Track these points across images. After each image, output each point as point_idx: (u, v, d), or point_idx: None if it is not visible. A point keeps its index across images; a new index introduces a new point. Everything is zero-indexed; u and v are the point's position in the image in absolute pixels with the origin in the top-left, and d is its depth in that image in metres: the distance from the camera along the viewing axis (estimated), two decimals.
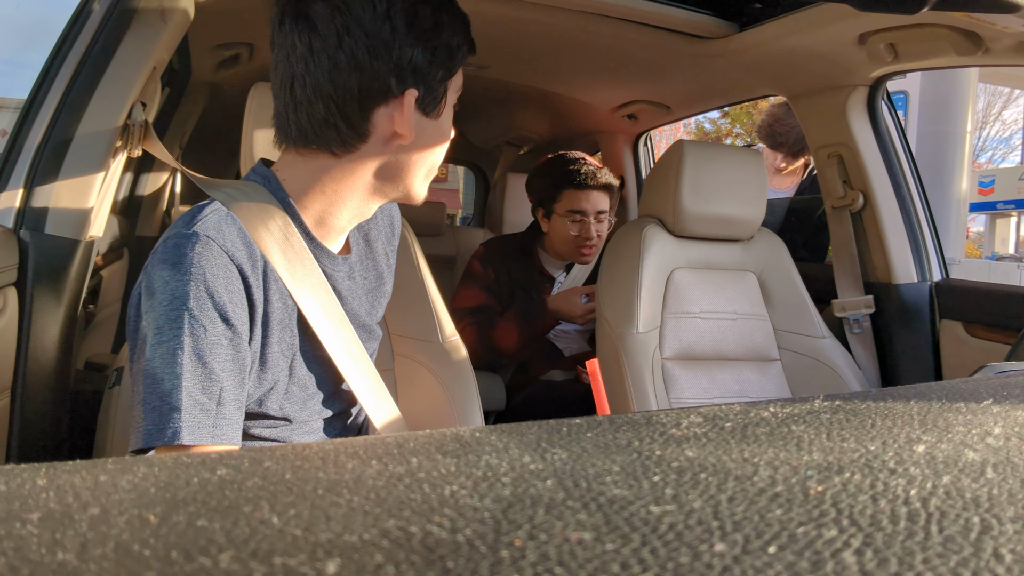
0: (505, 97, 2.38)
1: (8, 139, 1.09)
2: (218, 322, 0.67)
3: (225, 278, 0.68)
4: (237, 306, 0.69)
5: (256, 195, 0.76)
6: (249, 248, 0.72)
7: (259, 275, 0.73)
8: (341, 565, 0.18)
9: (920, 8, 0.71)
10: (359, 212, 0.82)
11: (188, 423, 0.64)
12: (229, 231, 0.71)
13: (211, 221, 0.71)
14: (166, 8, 1.15)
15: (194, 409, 0.65)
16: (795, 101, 1.81)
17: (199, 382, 0.65)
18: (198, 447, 0.65)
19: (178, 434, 0.64)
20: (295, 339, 0.78)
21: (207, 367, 0.66)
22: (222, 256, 0.69)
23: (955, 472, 0.25)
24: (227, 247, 0.69)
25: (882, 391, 0.40)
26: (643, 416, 0.34)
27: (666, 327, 1.55)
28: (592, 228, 1.88)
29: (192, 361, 0.65)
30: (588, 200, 1.87)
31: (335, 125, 0.74)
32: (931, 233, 1.76)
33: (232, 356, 0.68)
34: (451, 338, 1.22)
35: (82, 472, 0.26)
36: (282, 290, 0.75)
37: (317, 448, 0.30)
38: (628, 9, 1.43)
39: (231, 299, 0.68)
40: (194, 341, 0.65)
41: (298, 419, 0.82)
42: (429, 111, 0.78)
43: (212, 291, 0.67)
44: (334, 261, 0.82)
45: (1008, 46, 1.23)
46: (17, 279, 0.99)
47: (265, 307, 0.74)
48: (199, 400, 0.65)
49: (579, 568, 0.18)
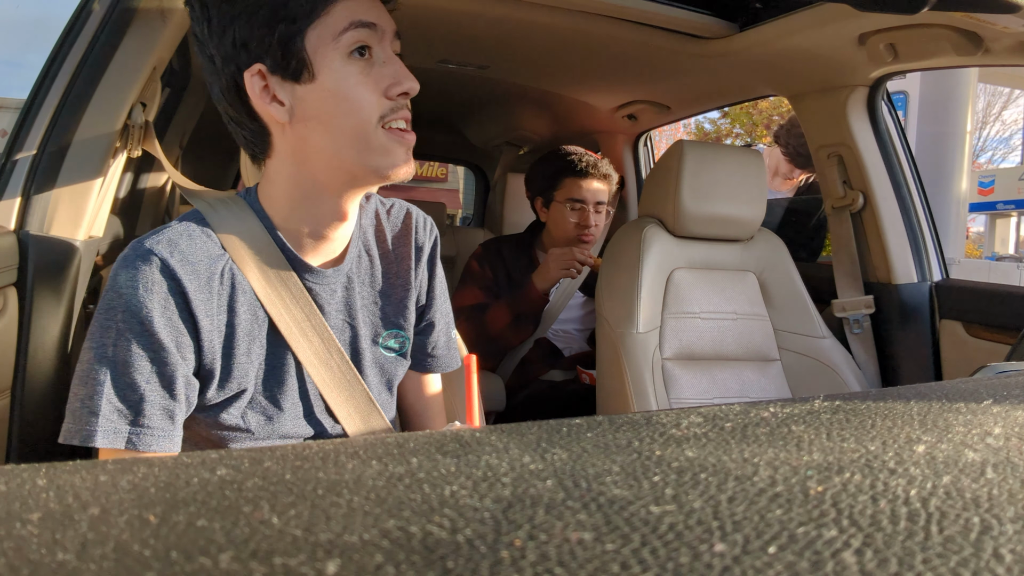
0: (505, 97, 2.38)
1: (8, 139, 1.09)
2: (145, 336, 0.68)
3: (160, 294, 0.69)
4: (171, 321, 0.69)
5: (235, 207, 0.77)
6: (210, 261, 0.73)
7: (218, 287, 0.73)
8: (341, 565, 0.18)
9: (920, 8, 0.71)
10: (332, 214, 0.78)
11: (103, 428, 0.67)
12: (186, 245, 0.72)
13: (168, 235, 0.72)
14: (166, 8, 1.15)
15: (112, 415, 0.67)
16: (795, 101, 1.81)
17: (119, 391, 0.68)
18: (115, 451, 0.68)
19: (92, 436, 0.67)
20: (263, 350, 0.77)
21: (128, 377, 0.68)
22: (161, 272, 0.69)
23: (955, 472, 0.25)
24: (172, 263, 0.70)
25: (882, 391, 0.40)
26: (643, 416, 0.34)
27: (666, 327, 1.55)
28: (591, 217, 1.89)
29: (115, 370, 0.67)
30: (588, 189, 1.90)
31: (241, 134, 0.77)
32: (931, 233, 1.76)
33: (157, 370, 0.69)
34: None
35: (82, 472, 0.26)
36: (251, 301, 0.75)
37: (317, 448, 0.30)
38: (628, 9, 1.43)
39: (164, 314, 0.69)
40: (116, 351, 0.68)
41: (262, 434, 0.78)
42: (299, 77, 0.71)
43: (142, 306, 0.68)
44: (316, 275, 0.80)
45: (1008, 46, 1.23)
46: (17, 279, 0.99)
47: (230, 317, 0.74)
48: (117, 407, 0.67)
49: (579, 568, 0.18)
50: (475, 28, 1.65)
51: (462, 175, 14.78)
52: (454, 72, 2.03)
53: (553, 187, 1.93)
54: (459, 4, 1.48)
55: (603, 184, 1.93)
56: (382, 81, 0.73)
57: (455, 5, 1.48)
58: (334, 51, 0.71)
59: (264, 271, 0.75)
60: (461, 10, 1.51)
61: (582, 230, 1.90)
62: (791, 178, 2.52)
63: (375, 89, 0.72)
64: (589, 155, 1.94)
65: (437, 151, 3.75)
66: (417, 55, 1.90)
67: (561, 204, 1.91)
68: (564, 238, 1.94)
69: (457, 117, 2.76)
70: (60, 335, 1.06)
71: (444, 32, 1.68)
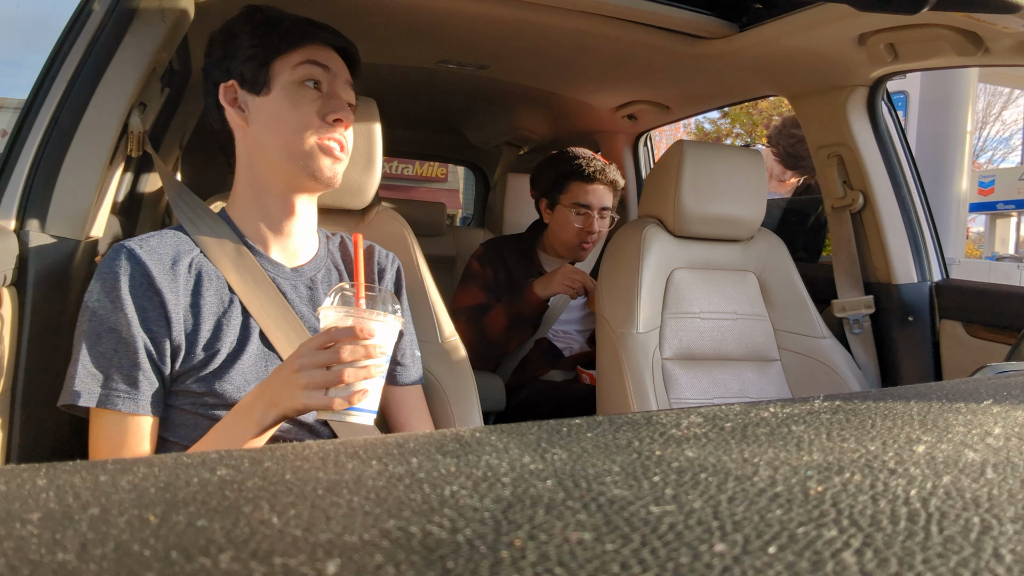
0: (505, 97, 2.38)
1: (8, 139, 1.09)
2: (113, 313, 0.84)
3: (126, 274, 0.85)
4: (136, 298, 0.85)
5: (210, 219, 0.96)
6: (176, 254, 0.90)
7: (184, 274, 0.89)
8: (341, 565, 0.18)
9: (920, 8, 0.71)
10: (281, 211, 0.97)
11: (83, 390, 0.82)
12: (156, 241, 0.90)
13: (143, 237, 0.90)
14: (166, 8, 1.15)
15: (87, 379, 0.83)
16: (795, 101, 1.81)
17: (93, 359, 0.83)
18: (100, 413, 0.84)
19: (75, 397, 0.82)
20: (236, 331, 0.91)
21: (97, 349, 0.84)
22: (127, 259, 0.86)
23: (955, 472, 0.25)
24: (138, 252, 0.87)
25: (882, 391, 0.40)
26: (643, 416, 0.34)
27: (666, 327, 1.55)
28: (595, 223, 1.88)
29: (89, 343, 0.84)
30: (594, 194, 1.89)
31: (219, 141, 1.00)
32: (931, 233, 1.75)
33: (124, 342, 0.84)
34: (450, 338, 1.22)
35: (82, 472, 0.26)
36: (219, 287, 0.91)
37: (317, 448, 0.30)
38: (628, 9, 1.43)
39: (129, 291, 0.85)
40: (91, 327, 0.84)
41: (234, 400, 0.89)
42: (259, 90, 0.94)
43: (114, 289, 0.84)
44: (276, 268, 0.97)
45: (1008, 46, 1.23)
46: (17, 279, 0.99)
47: (195, 299, 0.89)
48: (92, 372, 0.83)
49: (579, 568, 0.18)
50: (475, 28, 1.65)
51: (462, 175, 14.77)
52: (454, 72, 2.03)
53: (560, 190, 1.92)
54: (459, 4, 1.48)
55: (609, 190, 1.92)
56: (322, 108, 0.94)
57: (455, 5, 1.48)
58: (290, 76, 0.94)
59: (232, 261, 0.93)
60: (461, 10, 1.51)
61: (585, 236, 1.89)
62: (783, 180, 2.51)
63: (313, 110, 0.93)
64: (598, 160, 1.93)
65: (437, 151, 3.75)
66: (417, 55, 1.90)
67: (566, 208, 1.90)
68: (566, 242, 1.93)
69: (457, 117, 2.76)
70: (60, 335, 1.06)
71: (444, 32, 1.68)
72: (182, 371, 0.87)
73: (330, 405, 0.76)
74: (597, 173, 1.89)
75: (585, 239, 1.89)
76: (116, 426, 0.83)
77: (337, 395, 0.76)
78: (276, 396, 0.78)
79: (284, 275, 0.97)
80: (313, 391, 0.76)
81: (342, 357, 0.75)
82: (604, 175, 1.90)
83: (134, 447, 0.84)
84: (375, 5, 1.47)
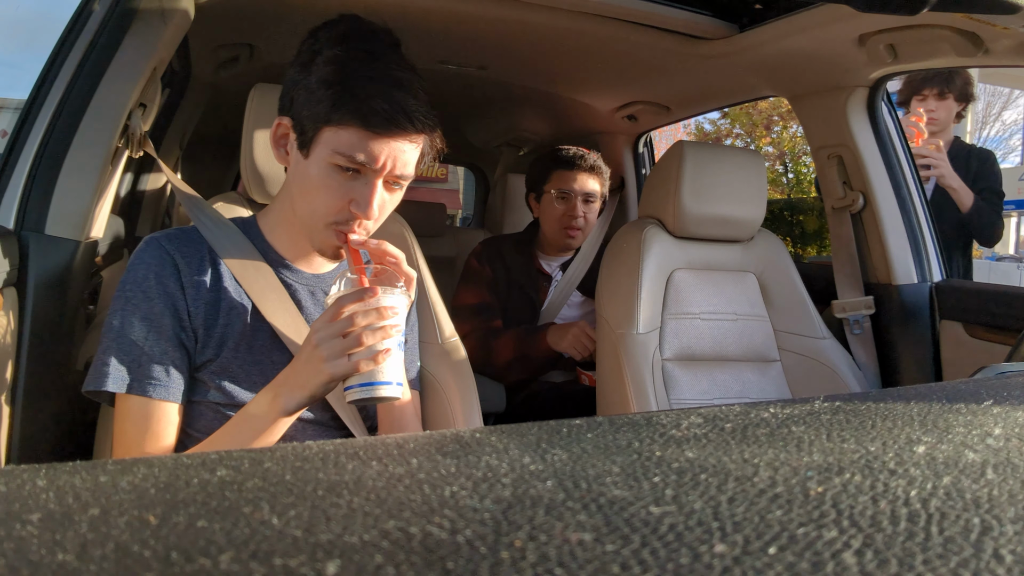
0: (505, 98, 2.38)
1: (8, 139, 1.09)
2: (145, 303, 0.86)
3: (159, 268, 0.87)
4: (166, 287, 0.87)
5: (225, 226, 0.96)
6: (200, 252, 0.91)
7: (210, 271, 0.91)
8: (341, 566, 0.18)
9: (920, 9, 0.71)
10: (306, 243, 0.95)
11: (112, 375, 0.84)
12: (182, 237, 0.92)
13: (172, 230, 0.92)
14: (166, 8, 1.15)
15: (117, 365, 0.84)
16: (795, 102, 1.81)
17: (122, 347, 0.85)
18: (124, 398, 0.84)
19: (103, 382, 0.83)
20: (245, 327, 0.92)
21: (128, 337, 0.85)
22: (161, 253, 0.88)
23: (955, 473, 0.25)
24: (168, 246, 0.89)
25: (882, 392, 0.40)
26: (643, 417, 0.34)
27: (666, 328, 1.55)
28: (579, 208, 1.90)
29: (119, 331, 0.85)
30: (576, 180, 1.92)
31: None
32: (931, 233, 1.75)
33: (155, 331, 0.85)
34: (450, 339, 1.22)
35: (82, 473, 0.26)
36: (235, 288, 0.92)
37: (317, 449, 0.30)
38: (628, 10, 1.43)
39: (159, 281, 0.87)
40: (122, 316, 0.85)
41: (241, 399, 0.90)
42: (301, 146, 0.88)
43: (144, 279, 0.86)
44: (297, 274, 0.97)
45: (1008, 46, 1.23)
46: (17, 279, 0.99)
47: (217, 294, 0.91)
48: (121, 359, 0.84)
49: (579, 569, 0.18)
50: (475, 28, 1.65)
51: (462, 175, 14.78)
52: (454, 72, 2.03)
53: (543, 180, 1.96)
54: (459, 4, 1.48)
55: (591, 176, 1.94)
56: (348, 194, 0.86)
57: (455, 5, 1.48)
58: (327, 154, 0.85)
59: (245, 266, 0.93)
60: (461, 10, 1.51)
61: (568, 221, 1.90)
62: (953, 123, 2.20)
63: (339, 196, 0.86)
64: (579, 149, 1.97)
65: None
66: (417, 55, 1.89)
67: (549, 196, 1.94)
68: (552, 231, 1.95)
69: (457, 118, 2.76)
70: (60, 335, 1.06)
71: (444, 32, 1.68)
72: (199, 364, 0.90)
73: (356, 367, 0.77)
74: (576, 159, 1.92)
75: (568, 224, 1.90)
76: (143, 412, 0.84)
77: (360, 358, 0.77)
78: (300, 377, 0.79)
79: (303, 280, 0.97)
80: (336, 360, 0.77)
81: (356, 321, 0.77)
82: (584, 161, 1.93)
83: (161, 433, 0.85)
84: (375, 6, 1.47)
